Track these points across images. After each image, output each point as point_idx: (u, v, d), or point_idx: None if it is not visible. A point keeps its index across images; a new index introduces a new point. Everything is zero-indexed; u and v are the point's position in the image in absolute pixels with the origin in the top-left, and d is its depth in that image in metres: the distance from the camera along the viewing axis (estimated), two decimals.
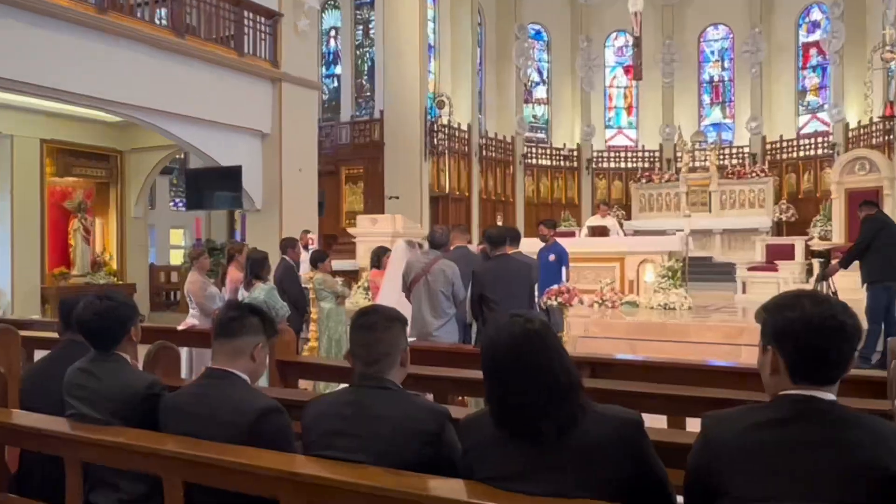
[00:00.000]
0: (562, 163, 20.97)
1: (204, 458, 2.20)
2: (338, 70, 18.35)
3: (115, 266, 12.66)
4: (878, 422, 1.61)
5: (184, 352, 6.62)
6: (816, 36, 19.40)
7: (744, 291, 12.32)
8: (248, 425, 2.28)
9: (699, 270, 15.76)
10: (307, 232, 11.34)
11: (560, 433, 1.78)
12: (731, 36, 20.84)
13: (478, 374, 4.04)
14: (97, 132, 12.38)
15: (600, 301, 10.36)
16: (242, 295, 6.42)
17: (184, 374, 6.30)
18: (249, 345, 2.43)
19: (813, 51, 19.57)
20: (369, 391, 2.19)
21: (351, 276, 13.01)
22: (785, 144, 19.45)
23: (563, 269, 7.88)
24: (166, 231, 19.23)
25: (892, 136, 15.06)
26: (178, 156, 15.49)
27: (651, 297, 10.50)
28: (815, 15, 19.52)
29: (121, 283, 12.48)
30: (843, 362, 1.63)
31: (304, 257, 8.92)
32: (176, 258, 18.28)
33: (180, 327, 6.09)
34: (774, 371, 1.68)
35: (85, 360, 2.71)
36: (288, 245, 8.09)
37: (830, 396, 1.64)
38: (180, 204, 18.88)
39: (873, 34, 16.51)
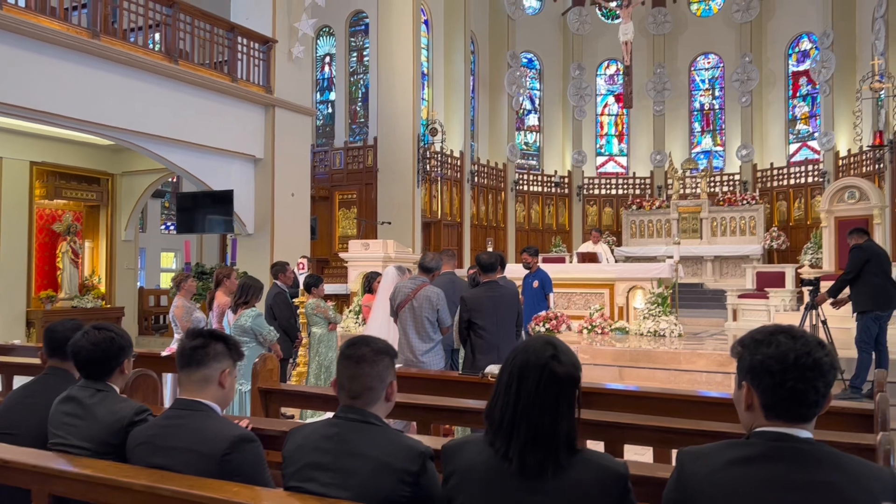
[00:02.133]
0: (553, 189, 21.08)
1: (176, 493, 2.15)
2: (332, 96, 18.44)
3: (103, 289, 12.57)
4: (854, 461, 1.58)
5: (168, 378, 6.57)
6: (806, 65, 19.65)
7: (734, 319, 12.30)
8: (220, 455, 2.24)
9: (691, 297, 15.80)
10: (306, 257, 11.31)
11: (538, 474, 1.77)
12: (722, 65, 21.08)
13: (463, 402, 4.02)
14: (88, 155, 12.37)
15: (589, 327, 10.35)
16: (229, 319, 6.37)
17: (168, 402, 6.24)
18: (216, 372, 2.41)
19: (803, 80, 19.81)
20: (351, 425, 2.16)
21: (342, 301, 12.99)
22: (775, 172, 19.60)
23: (549, 295, 7.87)
24: (157, 254, 19.16)
25: (881, 165, 15.17)
26: (170, 179, 15.48)
27: (641, 324, 10.48)
28: (805, 45, 19.78)
29: (108, 306, 12.40)
30: (819, 400, 1.60)
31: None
32: (166, 282, 18.19)
33: (164, 353, 6.02)
34: (749, 407, 1.65)
35: (73, 389, 2.70)
36: (279, 270, 8.05)
37: (806, 434, 1.61)
38: (171, 227, 18.83)
39: (863, 64, 16.72)
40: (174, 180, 16.52)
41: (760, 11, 20.01)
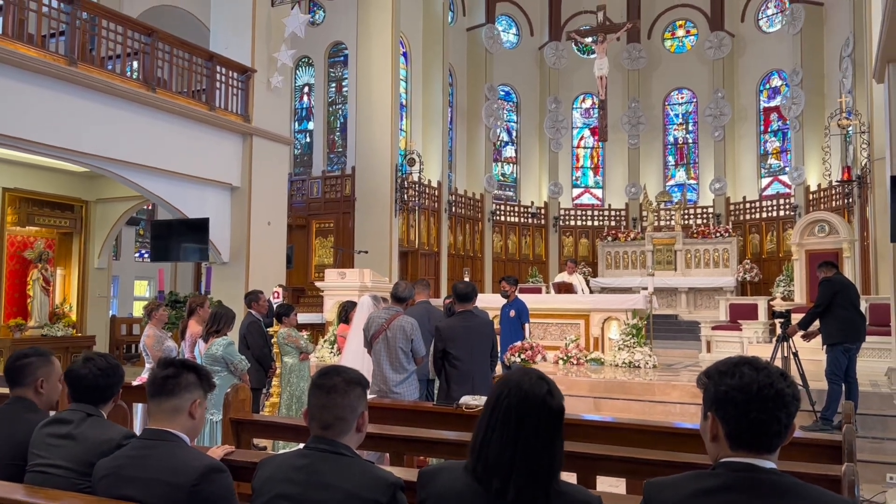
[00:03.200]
0: (530, 220, 21.26)
1: None
2: (311, 125, 18.52)
3: (74, 318, 12.37)
4: (816, 491, 1.60)
5: (139, 408, 6.46)
6: (777, 101, 20.14)
7: (708, 350, 12.39)
8: (189, 486, 2.21)
9: (665, 328, 15.92)
10: (282, 286, 11.26)
11: None
12: (695, 100, 21.53)
13: (438, 433, 4.00)
14: (63, 182, 12.25)
15: (565, 357, 10.37)
16: (200, 348, 6.30)
17: (139, 432, 6.13)
18: (187, 402, 2.40)
19: (773, 115, 20.29)
20: (322, 456, 2.14)
21: (318, 330, 12.89)
22: (748, 205, 19.95)
23: (525, 325, 7.89)
24: (130, 282, 18.92)
25: (850, 200, 15.50)
26: (145, 206, 15.36)
27: (616, 355, 10.52)
28: (776, 81, 20.29)
29: (79, 335, 12.19)
30: (782, 430, 1.63)
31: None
32: (139, 310, 17.94)
33: (135, 383, 5.93)
34: (714, 438, 1.67)
35: (63, 413, 2.73)
36: (252, 299, 7.99)
37: (770, 464, 1.63)
38: (145, 255, 18.64)
39: (831, 101, 17.18)
40: (149, 208, 16.40)
41: (732, 49, 20.53)
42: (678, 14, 21.82)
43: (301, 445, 2.41)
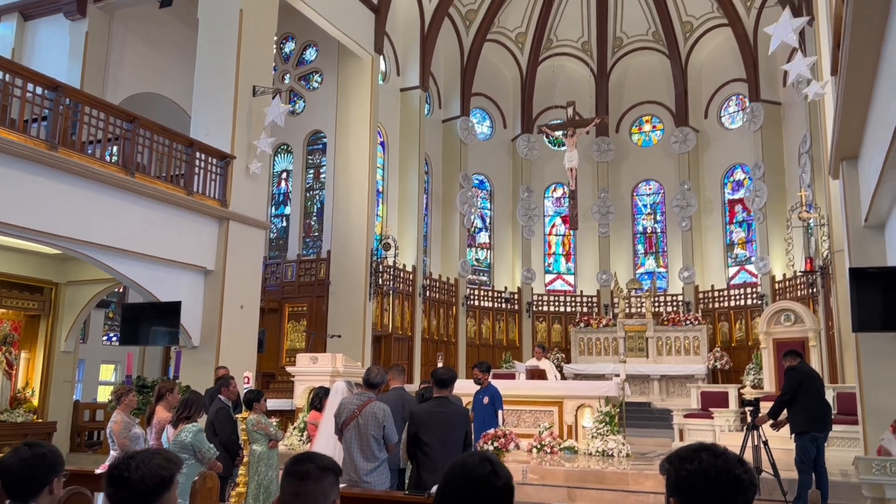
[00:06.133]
0: (503, 305, 21.40)
1: None
2: (287, 210, 18.72)
3: (35, 403, 12.02)
4: None
5: (101, 498, 6.26)
6: (741, 194, 20.87)
7: (681, 439, 12.37)
8: None
9: (638, 416, 15.88)
10: (221, 367, 10.88)
11: None
12: (662, 191, 22.22)
13: None
14: (33, 264, 12.16)
15: (539, 446, 10.28)
16: (169, 434, 6.19)
17: None
18: None
19: (738, 207, 20.97)
20: None
21: (287, 417, 12.64)
22: (716, 294, 20.32)
23: (499, 412, 7.86)
24: (96, 366, 18.46)
25: (814, 290, 15.87)
26: (116, 289, 15.22)
27: (590, 443, 10.46)
28: (739, 175, 21.08)
29: (40, 421, 11.83)
30: None
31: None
32: (103, 395, 17.47)
33: (98, 470, 5.77)
34: None
35: None
36: (223, 384, 7.90)
37: None
38: (114, 338, 18.30)
39: (792, 194, 17.86)
40: (120, 290, 16.25)
41: (697, 143, 21.38)
42: (644, 110, 22.79)
43: None
